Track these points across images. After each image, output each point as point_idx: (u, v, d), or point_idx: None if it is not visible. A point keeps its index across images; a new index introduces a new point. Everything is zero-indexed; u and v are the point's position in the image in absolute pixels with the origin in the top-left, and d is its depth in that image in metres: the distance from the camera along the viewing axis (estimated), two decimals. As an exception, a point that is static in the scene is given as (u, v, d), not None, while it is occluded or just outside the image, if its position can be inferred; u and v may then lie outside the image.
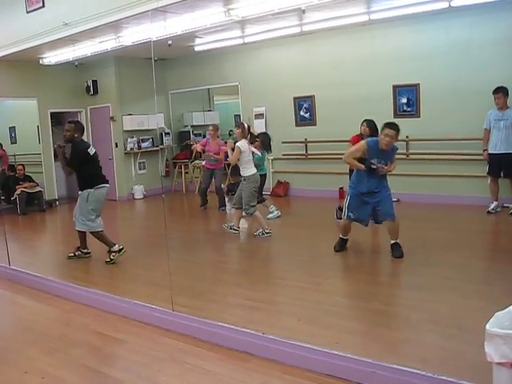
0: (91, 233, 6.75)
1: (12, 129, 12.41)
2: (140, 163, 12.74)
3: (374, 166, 5.91)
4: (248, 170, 7.58)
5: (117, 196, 12.53)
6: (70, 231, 9.88)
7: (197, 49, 10.74)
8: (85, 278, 5.99)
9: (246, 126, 7.79)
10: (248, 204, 7.50)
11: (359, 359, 3.40)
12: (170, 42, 8.49)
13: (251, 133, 8.10)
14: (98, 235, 6.73)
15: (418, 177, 9.23)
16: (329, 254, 6.43)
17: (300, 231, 8.04)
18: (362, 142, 6.15)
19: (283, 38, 9.92)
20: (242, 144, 7.46)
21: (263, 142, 8.67)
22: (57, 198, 12.39)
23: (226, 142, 9.20)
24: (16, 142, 12.98)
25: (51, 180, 12.26)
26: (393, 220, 6.08)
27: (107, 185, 6.72)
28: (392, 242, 6.12)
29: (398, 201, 9.31)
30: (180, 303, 4.64)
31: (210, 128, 10.12)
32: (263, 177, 8.61)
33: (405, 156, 9.35)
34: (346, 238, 6.47)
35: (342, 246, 6.47)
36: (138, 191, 12.48)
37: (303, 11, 7.16)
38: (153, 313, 4.64)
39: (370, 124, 7.55)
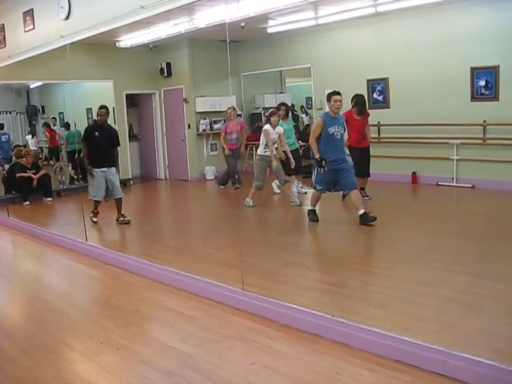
0: (118, 199, 8.08)
1: (89, 110, 12.72)
2: (212, 144, 12.89)
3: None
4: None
5: (188, 176, 12.77)
6: (142, 209, 10.19)
7: (269, 31, 10.71)
8: (158, 255, 6.14)
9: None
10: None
11: (430, 347, 3.33)
12: (242, 24, 8.47)
13: None
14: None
15: (496, 163, 8.86)
16: (401, 239, 6.34)
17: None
18: (318, 118, 7.12)
19: (357, 19, 9.73)
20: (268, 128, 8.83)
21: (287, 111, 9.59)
22: (131, 177, 12.78)
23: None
24: (93, 123, 13.32)
25: (126, 160, 12.59)
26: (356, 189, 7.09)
27: None
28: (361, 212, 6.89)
29: (472, 187, 9.07)
30: (250, 283, 4.70)
31: (229, 110, 10.74)
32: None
33: (481, 141, 9.03)
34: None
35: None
36: (210, 172, 12.64)
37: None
38: (223, 292, 4.72)
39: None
